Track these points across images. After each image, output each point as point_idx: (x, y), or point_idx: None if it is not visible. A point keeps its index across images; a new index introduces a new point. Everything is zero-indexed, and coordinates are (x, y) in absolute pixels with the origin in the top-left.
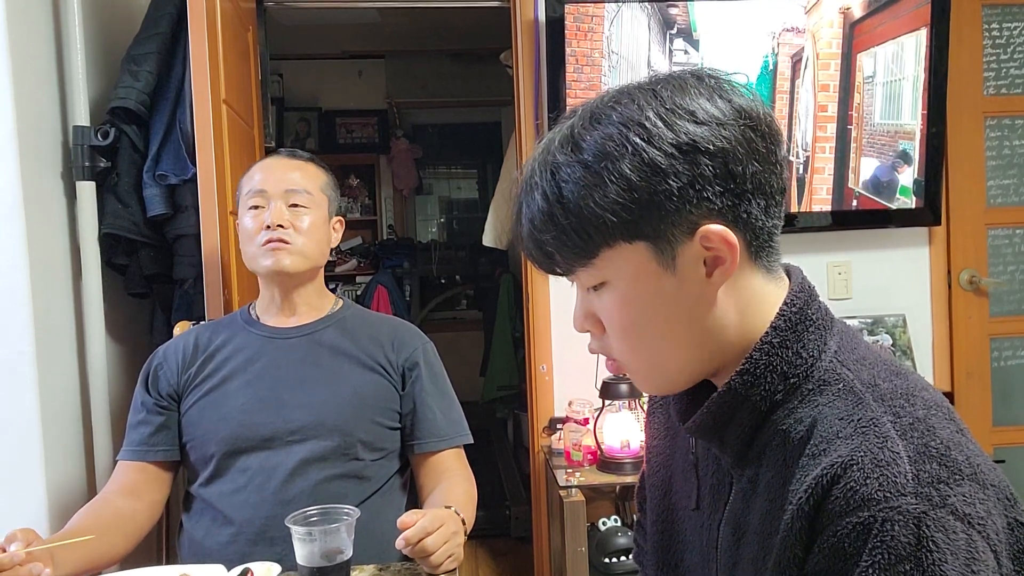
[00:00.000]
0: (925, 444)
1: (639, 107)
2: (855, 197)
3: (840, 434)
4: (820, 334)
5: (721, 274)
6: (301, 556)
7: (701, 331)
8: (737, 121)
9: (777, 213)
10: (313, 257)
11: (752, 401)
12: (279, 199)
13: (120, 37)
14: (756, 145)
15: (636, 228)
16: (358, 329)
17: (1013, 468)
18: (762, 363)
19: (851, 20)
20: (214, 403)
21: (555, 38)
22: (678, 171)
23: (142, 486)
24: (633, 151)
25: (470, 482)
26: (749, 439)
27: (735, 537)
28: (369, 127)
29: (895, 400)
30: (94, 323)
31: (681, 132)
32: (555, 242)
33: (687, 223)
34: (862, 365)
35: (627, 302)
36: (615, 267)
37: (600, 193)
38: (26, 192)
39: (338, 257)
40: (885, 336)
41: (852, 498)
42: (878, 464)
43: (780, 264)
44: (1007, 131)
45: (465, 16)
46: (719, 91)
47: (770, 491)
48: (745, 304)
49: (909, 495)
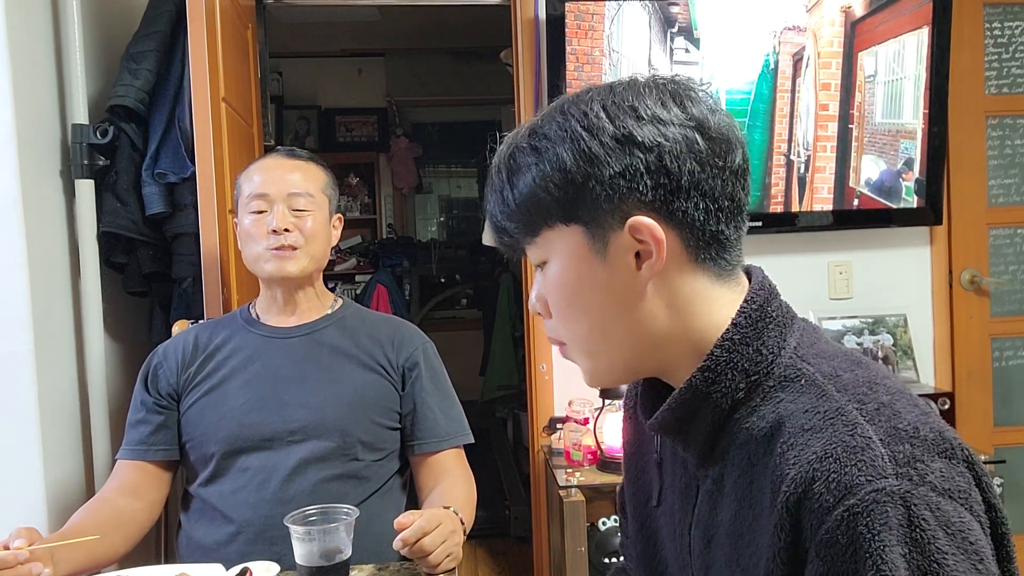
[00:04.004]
0: (894, 427)
1: (590, 99)
2: (856, 196)
3: (807, 427)
4: (780, 331)
5: (649, 268)
6: (300, 556)
7: (631, 323)
8: (682, 123)
9: (727, 219)
10: (317, 260)
11: (714, 399)
12: (281, 202)
13: (119, 35)
14: (698, 147)
15: (572, 211)
16: (358, 329)
17: (1013, 468)
18: (723, 360)
19: (852, 19)
20: (214, 403)
21: (555, 36)
22: (611, 161)
23: (141, 485)
24: (573, 137)
25: (469, 482)
26: (713, 437)
27: (705, 541)
28: (369, 125)
29: (858, 388)
30: (93, 322)
31: (620, 124)
32: (504, 219)
33: (620, 212)
34: (822, 358)
35: (564, 283)
36: (555, 247)
37: (540, 173)
38: (25, 190)
39: (337, 256)
40: (886, 336)
41: (835, 490)
42: (852, 451)
43: (739, 268)
44: (1008, 131)
45: (465, 14)
46: (675, 96)
47: (737, 491)
48: (682, 303)
49: (890, 476)
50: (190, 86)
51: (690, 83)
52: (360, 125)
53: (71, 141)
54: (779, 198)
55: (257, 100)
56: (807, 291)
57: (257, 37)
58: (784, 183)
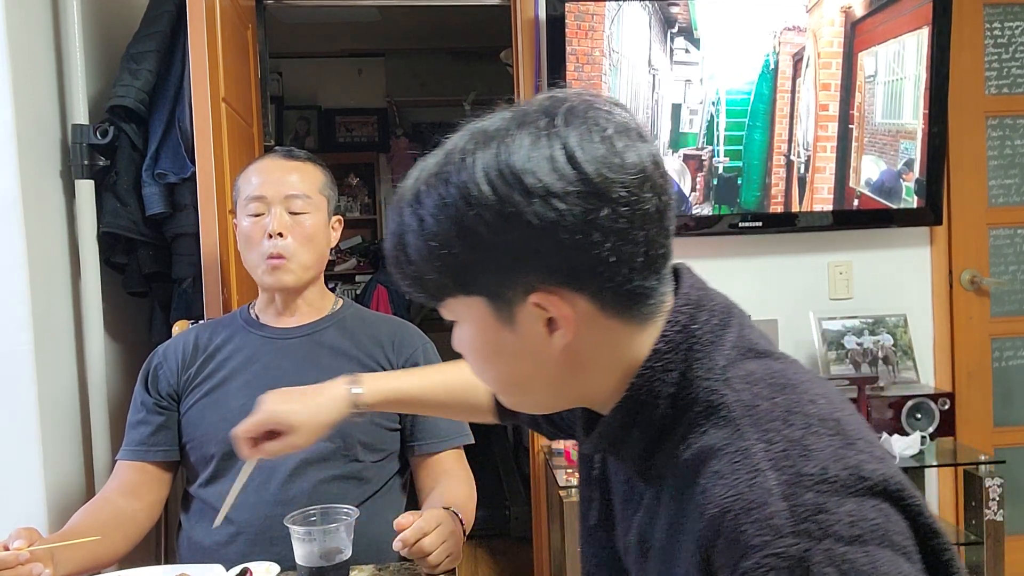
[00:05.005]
0: (798, 472)
1: (474, 161)
2: (856, 196)
3: (716, 471)
4: (706, 351)
5: (562, 336)
6: (300, 556)
7: (550, 378)
8: (578, 191)
9: (645, 273)
10: (314, 265)
11: (640, 425)
12: (279, 205)
13: (119, 35)
14: (598, 216)
15: (468, 286)
16: (358, 329)
17: (1013, 468)
18: (644, 389)
19: (852, 19)
20: (214, 403)
21: (556, 36)
22: (498, 240)
23: (141, 486)
24: (454, 216)
25: (469, 483)
26: (647, 458)
27: (642, 550)
28: (369, 126)
29: (772, 423)
30: (93, 322)
31: (505, 199)
32: (407, 287)
33: (521, 285)
34: (747, 383)
35: (474, 348)
36: (460, 313)
37: (428, 251)
38: (25, 190)
39: (337, 256)
40: (886, 336)
41: (733, 550)
42: (749, 509)
43: (665, 296)
44: (1009, 131)
45: (465, 14)
46: (568, 151)
47: (669, 513)
48: (603, 353)
49: (787, 535)
50: (190, 86)
51: (589, 112)
52: (360, 125)
53: (71, 141)
54: (779, 198)
55: (257, 100)
56: (807, 291)
57: (257, 37)
58: (784, 183)
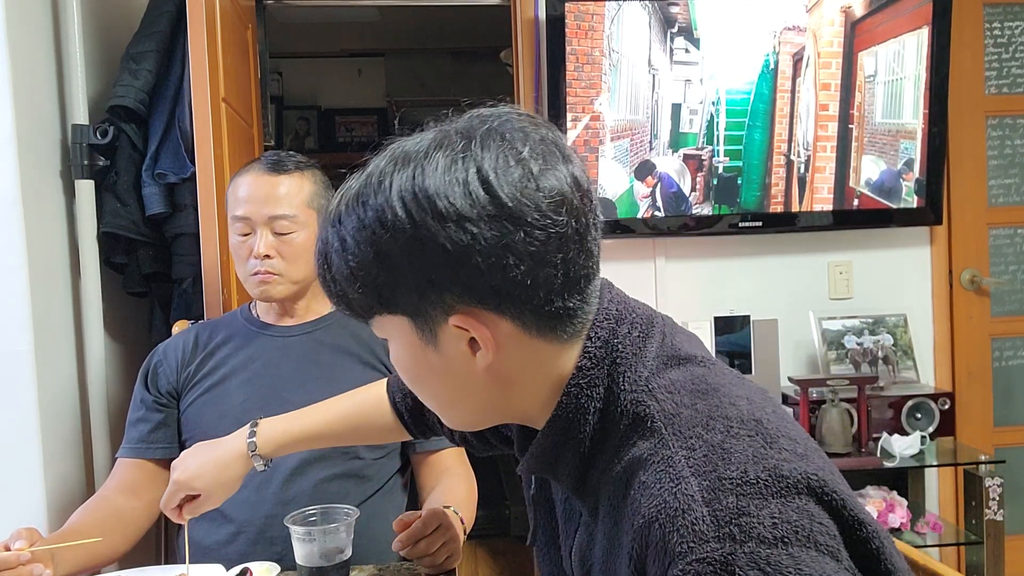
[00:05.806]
0: (719, 477)
1: (390, 183)
2: (856, 196)
3: (643, 481)
4: (629, 363)
5: (484, 357)
6: (300, 556)
7: (478, 397)
8: (491, 215)
9: (567, 293)
10: (304, 278)
11: (571, 443)
12: (263, 226)
13: (119, 35)
14: (512, 241)
15: (391, 305)
16: (359, 327)
17: (1013, 468)
18: (571, 406)
19: (852, 19)
20: (214, 401)
21: (555, 36)
22: (413, 265)
23: (141, 484)
24: (370, 239)
25: (470, 481)
26: (582, 473)
27: (584, 568)
28: (369, 126)
29: (693, 430)
30: (93, 322)
31: (419, 223)
32: (336, 303)
33: (441, 306)
34: (669, 392)
35: (405, 366)
36: (388, 331)
37: (349, 272)
38: (25, 190)
39: None
40: (886, 336)
41: (663, 558)
42: (673, 516)
43: (588, 314)
44: (1008, 130)
45: (465, 14)
46: (482, 174)
47: (605, 527)
48: (529, 370)
49: (711, 540)
50: (190, 86)
51: (508, 134)
52: (360, 125)
53: (71, 141)
54: (779, 198)
55: (257, 100)
56: (807, 291)
57: (257, 37)
58: (784, 183)
